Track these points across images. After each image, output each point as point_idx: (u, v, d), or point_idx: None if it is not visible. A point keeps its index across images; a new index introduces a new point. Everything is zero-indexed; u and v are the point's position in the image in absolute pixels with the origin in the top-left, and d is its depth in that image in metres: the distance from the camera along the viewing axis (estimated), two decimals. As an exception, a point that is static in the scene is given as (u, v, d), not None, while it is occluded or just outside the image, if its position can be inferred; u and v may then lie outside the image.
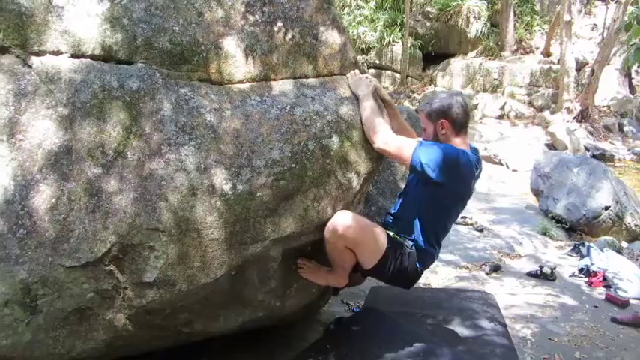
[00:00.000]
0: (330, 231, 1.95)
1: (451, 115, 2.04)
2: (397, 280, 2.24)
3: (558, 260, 4.69)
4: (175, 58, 1.86)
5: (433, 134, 2.11)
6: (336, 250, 2.03)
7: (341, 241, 1.96)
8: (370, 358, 2.30)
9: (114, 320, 1.71)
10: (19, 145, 1.64)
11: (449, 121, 2.04)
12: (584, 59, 13.08)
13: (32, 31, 1.75)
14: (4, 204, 1.57)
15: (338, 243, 1.98)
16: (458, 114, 2.05)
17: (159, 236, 1.66)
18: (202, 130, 1.78)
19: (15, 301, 1.54)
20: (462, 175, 2.04)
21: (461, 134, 2.08)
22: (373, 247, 2.03)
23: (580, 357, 2.89)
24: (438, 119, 2.05)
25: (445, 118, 2.04)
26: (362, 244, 2.01)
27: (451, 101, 2.06)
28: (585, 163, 6.48)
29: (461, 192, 2.12)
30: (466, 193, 2.15)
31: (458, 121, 2.05)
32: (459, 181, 2.05)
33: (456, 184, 2.05)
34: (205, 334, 2.04)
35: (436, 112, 2.06)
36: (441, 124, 2.05)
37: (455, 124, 2.05)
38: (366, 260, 2.08)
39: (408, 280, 2.26)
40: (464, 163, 2.01)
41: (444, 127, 2.05)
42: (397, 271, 2.10)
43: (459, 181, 2.05)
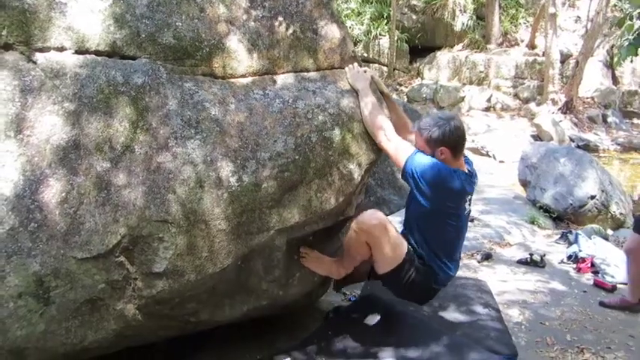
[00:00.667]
0: (358, 221, 2.05)
1: (449, 143, 2.06)
2: (408, 293, 2.30)
3: (547, 248, 4.80)
4: (179, 53, 1.89)
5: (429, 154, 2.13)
6: (355, 241, 2.10)
7: (364, 235, 2.05)
8: (370, 344, 2.37)
9: (124, 310, 1.74)
10: (27, 140, 1.66)
11: (448, 148, 2.06)
12: (569, 51, 13.28)
13: (36, 28, 1.77)
14: (14, 198, 1.59)
15: (361, 235, 2.06)
16: (457, 141, 2.08)
17: (168, 228, 1.70)
18: (208, 124, 1.82)
19: (28, 293, 1.56)
20: (450, 193, 2.07)
21: (458, 157, 2.12)
22: (391, 254, 2.09)
23: (571, 339, 2.99)
24: (438, 147, 2.06)
25: (444, 145, 2.05)
26: (381, 246, 2.07)
27: (450, 128, 2.06)
28: (572, 154, 6.62)
29: (451, 209, 2.12)
30: (458, 209, 2.15)
31: (456, 147, 2.08)
32: (446, 199, 2.08)
33: (444, 201, 2.08)
34: (211, 324, 2.08)
35: (435, 140, 2.06)
36: (440, 152, 2.06)
37: (453, 149, 2.07)
38: (380, 264, 2.15)
39: (419, 295, 2.33)
40: (454, 183, 2.05)
41: (443, 153, 2.06)
42: (409, 284, 2.15)
43: (446, 198, 2.08)
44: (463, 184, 2.08)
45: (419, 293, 2.28)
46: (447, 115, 2.13)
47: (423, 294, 2.30)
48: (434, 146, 2.07)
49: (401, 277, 2.12)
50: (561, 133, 11.00)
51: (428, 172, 2.02)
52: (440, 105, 13.41)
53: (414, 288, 2.18)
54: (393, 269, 2.11)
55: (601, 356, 2.80)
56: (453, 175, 2.05)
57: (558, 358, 2.77)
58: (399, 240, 2.10)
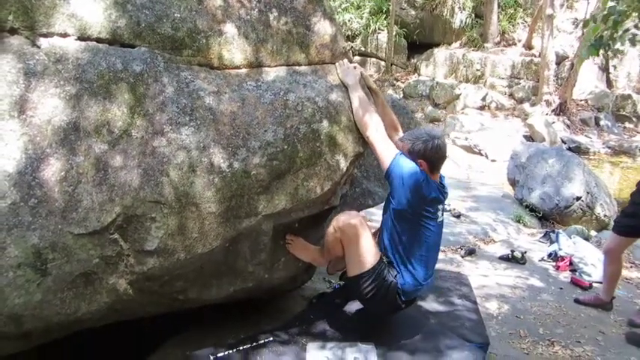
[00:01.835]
0: (337, 218, 2.16)
1: (429, 158, 2.17)
2: (371, 304, 2.32)
3: (529, 246, 4.95)
4: (177, 43, 1.98)
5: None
6: (331, 237, 2.21)
7: (339, 232, 2.16)
8: (350, 328, 2.48)
9: (116, 285, 1.84)
10: (30, 120, 1.75)
11: (426, 162, 2.17)
12: (565, 53, 13.37)
13: (40, 14, 1.85)
14: (16, 175, 1.68)
15: (336, 232, 2.17)
16: (435, 158, 2.19)
17: (160, 208, 1.80)
18: (202, 112, 1.92)
19: (27, 264, 1.66)
20: (426, 198, 2.16)
21: (434, 173, 2.22)
22: (359, 258, 2.17)
23: (543, 333, 3.13)
24: (417, 159, 2.17)
25: (423, 159, 2.16)
26: (351, 248, 2.16)
27: (432, 145, 2.17)
28: (560, 155, 6.74)
29: (428, 212, 2.20)
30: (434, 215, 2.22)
31: (434, 163, 2.20)
32: (423, 202, 2.16)
33: (421, 204, 2.16)
34: (199, 302, 2.18)
35: (416, 152, 2.17)
36: (419, 163, 2.17)
37: (431, 165, 2.19)
38: (349, 265, 2.23)
39: (381, 308, 2.35)
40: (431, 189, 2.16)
41: (421, 165, 2.16)
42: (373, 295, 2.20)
43: (423, 202, 2.16)
44: (438, 192, 2.20)
45: (380, 305, 2.31)
46: (434, 134, 2.22)
47: (384, 307, 2.33)
48: (415, 157, 2.17)
49: (362, 284, 2.18)
50: (553, 135, 11.14)
51: (410, 175, 2.12)
52: (435, 102, 13.52)
53: (375, 300, 2.22)
54: (358, 275, 2.18)
55: (570, 349, 2.94)
56: (430, 182, 2.16)
57: (529, 350, 2.91)
58: (371, 249, 2.18)
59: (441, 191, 2.25)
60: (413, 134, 2.24)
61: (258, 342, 2.29)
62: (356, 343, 2.33)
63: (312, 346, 2.30)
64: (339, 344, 2.31)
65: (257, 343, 2.28)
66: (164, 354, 2.41)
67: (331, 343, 2.32)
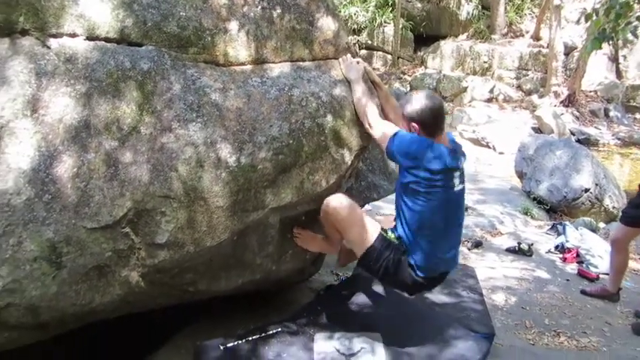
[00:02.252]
0: (323, 206, 2.15)
1: (420, 120, 2.11)
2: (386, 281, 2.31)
3: (537, 238, 4.96)
4: (183, 41, 2.03)
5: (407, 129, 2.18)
6: (325, 223, 2.23)
7: (330, 217, 2.16)
8: (357, 319, 2.53)
9: (128, 277, 1.90)
10: (42, 119, 1.80)
11: (420, 124, 2.11)
12: (573, 44, 13.25)
13: (50, 15, 1.90)
14: (30, 172, 1.74)
15: (328, 217, 2.17)
16: (426, 119, 2.10)
17: (170, 203, 1.85)
18: (208, 108, 1.96)
19: (43, 257, 1.72)
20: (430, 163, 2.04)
21: (435, 135, 2.12)
22: (358, 238, 2.16)
23: (549, 323, 3.15)
24: (409, 122, 2.13)
25: (414, 122, 2.12)
26: (346, 230, 2.16)
27: (421, 106, 2.10)
28: (568, 147, 6.71)
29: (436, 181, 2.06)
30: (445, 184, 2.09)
31: (427, 125, 2.11)
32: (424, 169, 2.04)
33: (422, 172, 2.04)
34: (208, 294, 2.24)
35: (408, 116, 2.13)
36: (412, 127, 2.13)
37: (424, 127, 2.11)
38: (352, 247, 2.23)
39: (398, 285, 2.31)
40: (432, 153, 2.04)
41: (415, 129, 2.12)
42: (383, 271, 2.17)
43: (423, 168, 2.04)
44: (443, 156, 2.06)
45: (397, 282, 2.26)
46: (425, 94, 2.15)
47: (402, 283, 2.26)
48: (407, 121, 2.14)
49: (372, 263, 2.17)
50: (562, 126, 11.07)
51: (407, 145, 2.07)
52: (442, 95, 13.46)
53: (389, 276, 2.20)
54: (364, 254, 2.16)
55: (576, 340, 2.96)
56: (432, 146, 2.06)
57: (535, 340, 2.93)
58: (367, 226, 2.14)
59: (452, 156, 2.11)
60: (405, 99, 2.19)
61: (267, 332, 2.34)
62: (363, 333, 2.37)
63: (320, 337, 2.35)
64: (346, 334, 2.36)
65: (266, 333, 2.34)
66: (174, 345, 2.47)
67: (339, 334, 2.36)
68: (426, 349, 2.31)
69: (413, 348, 2.32)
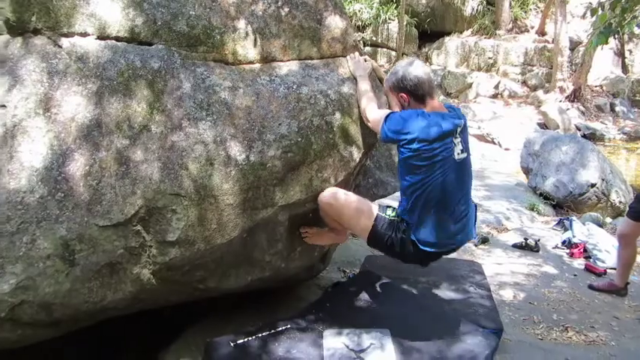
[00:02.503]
0: (318, 203, 2.17)
1: (406, 87, 2.08)
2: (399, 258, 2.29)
3: (543, 233, 4.94)
4: (192, 40, 2.04)
5: (399, 105, 2.18)
6: (325, 218, 2.26)
7: (325, 213, 2.20)
8: (366, 315, 2.54)
9: (140, 275, 1.92)
10: (54, 118, 1.83)
11: (406, 94, 2.09)
12: (579, 38, 13.18)
13: (62, 15, 1.92)
14: (43, 170, 1.76)
15: (325, 212, 2.20)
16: (412, 85, 2.06)
17: (181, 201, 1.86)
18: (218, 107, 1.98)
19: (56, 255, 1.75)
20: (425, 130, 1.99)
21: (425, 102, 2.08)
22: (355, 226, 2.19)
23: (557, 318, 3.15)
24: (398, 93, 2.12)
25: (402, 91, 2.10)
26: (343, 222, 2.20)
27: (404, 73, 2.07)
28: (574, 142, 6.69)
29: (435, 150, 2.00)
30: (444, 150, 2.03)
31: (415, 91, 2.07)
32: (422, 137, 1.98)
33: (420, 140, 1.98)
34: (218, 291, 2.26)
35: (394, 87, 2.12)
36: (401, 97, 2.11)
37: (413, 95, 2.08)
38: (357, 235, 2.27)
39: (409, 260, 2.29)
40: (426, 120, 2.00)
41: (404, 99, 2.11)
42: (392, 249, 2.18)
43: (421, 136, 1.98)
44: (438, 122, 2.02)
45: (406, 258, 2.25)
46: (408, 61, 2.13)
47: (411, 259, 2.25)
48: (396, 93, 2.13)
49: (378, 244, 2.21)
50: (567, 122, 11.03)
51: (397, 121, 2.03)
52: (447, 91, 13.44)
53: (397, 254, 2.20)
54: (368, 238, 2.18)
55: (584, 334, 2.96)
56: (423, 114, 2.02)
57: (543, 335, 2.93)
58: (363, 211, 2.15)
59: (449, 120, 2.06)
60: (390, 72, 2.17)
61: (277, 329, 2.36)
62: (372, 329, 2.39)
63: (329, 333, 2.36)
64: (355, 331, 2.37)
65: (275, 330, 2.36)
66: (185, 342, 2.49)
67: (347, 330, 2.38)
68: (435, 345, 2.32)
69: (422, 344, 2.33)
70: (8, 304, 1.74)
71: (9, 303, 1.74)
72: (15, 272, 1.73)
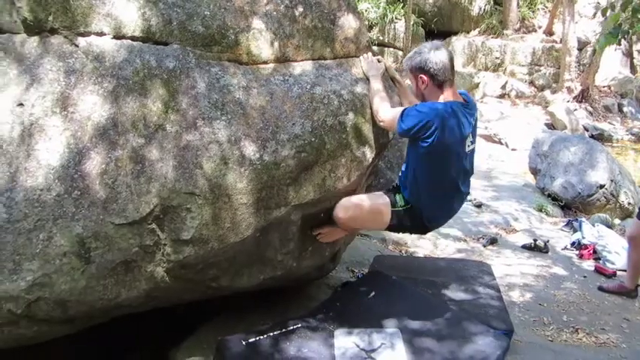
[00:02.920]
0: (335, 217, 2.25)
1: (428, 71, 2.08)
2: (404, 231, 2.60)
3: (552, 235, 4.93)
4: (207, 40, 2.05)
5: (415, 88, 2.21)
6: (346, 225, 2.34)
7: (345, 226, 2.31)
8: (376, 315, 2.54)
9: (154, 272, 1.93)
10: (71, 116, 1.84)
11: (427, 76, 2.10)
12: (587, 38, 13.11)
13: (78, 14, 1.94)
14: (60, 168, 1.78)
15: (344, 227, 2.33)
16: (436, 69, 2.07)
17: (195, 200, 1.87)
18: (232, 106, 1.98)
19: (72, 252, 1.76)
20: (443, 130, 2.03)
21: (444, 87, 2.10)
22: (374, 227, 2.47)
23: (567, 320, 3.14)
24: (418, 74, 2.12)
25: (423, 73, 2.10)
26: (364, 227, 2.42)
27: (429, 56, 2.08)
28: (582, 143, 6.66)
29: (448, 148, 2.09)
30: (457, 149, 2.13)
31: (436, 75, 2.08)
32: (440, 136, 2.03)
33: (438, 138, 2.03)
34: (230, 290, 2.27)
35: (415, 67, 2.12)
36: (420, 79, 2.11)
37: (434, 78, 2.09)
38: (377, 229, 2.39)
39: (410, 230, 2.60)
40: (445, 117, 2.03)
41: (423, 82, 2.11)
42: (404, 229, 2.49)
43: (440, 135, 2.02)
44: (457, 124, 2.06)
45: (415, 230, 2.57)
46: (430, 44, 2.15)
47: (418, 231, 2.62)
48: (416, 74, 2.14)
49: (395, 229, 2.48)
50: (575, 122, 10.98)
51: (415, 116, 2.04)
52: (454, 91, 13.38)
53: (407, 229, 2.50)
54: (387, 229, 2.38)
55: (595, 336, 2.95)
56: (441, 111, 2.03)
57: (553, 337, 2.93)
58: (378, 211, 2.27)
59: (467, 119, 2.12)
60: (411, 52, 2.20)
61: (288, 328, 2.37)
62: (382, 329, 2.39)
63: (340, 332, 2.37)
64: (365, 330, 2.37)
65: (286, 329, 2.36)
66: (196, 340, 2.50)
67: (358, 329, 2.38)
68: (446, 345, 2.32)
69: (433, 344, 2.33)
70: (25, 301, 1.76)
71: (25, 300, 1.76)
72: (32, 269, 1.75)
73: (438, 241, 4.54)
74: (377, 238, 4.29)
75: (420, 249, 4.32)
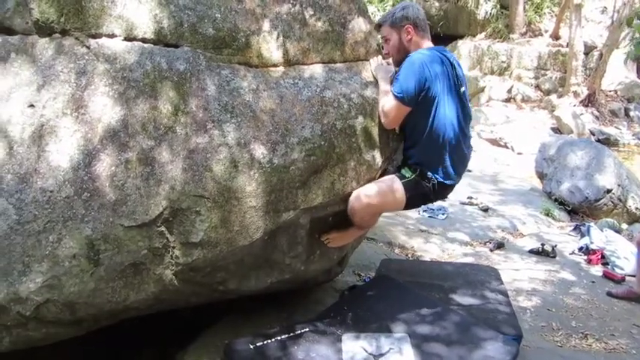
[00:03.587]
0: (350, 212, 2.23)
1: (413, 19, 2.21)
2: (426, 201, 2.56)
3: (559, 239, 4.90)
4: (217, 42, 2.04)
5: (398, 42, 2.29)
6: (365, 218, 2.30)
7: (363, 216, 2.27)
8: (384, 319, 2.53)
9: (162, 275, 1.92)
10: (82, 118, 1.84)
11: (412, 25, 2.21)
12: (593, 43, 13.04)
13: (90, 16, 1.94)
14: (70, 170, 1.78)
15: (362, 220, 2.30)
16: (418, 17, 2.24)
17: (204, 202, 1.87)
18: (242, 109, 1.98)
19: (81, 254, 1.76)
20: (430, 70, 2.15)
21: (425, 37, 2.25)
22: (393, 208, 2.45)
23: (576, 325, 3.12)
24: (403, 25, 2.21)
25: (409, 22, 2.21)
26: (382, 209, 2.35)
27: (410, 7, 2.25)
28: (589, 147, 6.63)
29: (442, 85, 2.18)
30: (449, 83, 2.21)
31: (420, 23, 2.23)
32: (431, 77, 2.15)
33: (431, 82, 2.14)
34: (237, 293, 2.26)
35: (400, 18, 2.22)
36: (406, 30, 2.21)
37: (418, 27, 2.23)
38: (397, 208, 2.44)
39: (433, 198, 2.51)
40: (433, 59, 2.16)
41: (409, 32, 2.22)
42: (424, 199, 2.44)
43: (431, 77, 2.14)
44: (440, 57, 2.19)
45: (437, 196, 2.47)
46: (405, 2, 2.34)
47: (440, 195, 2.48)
48: (399, 26, 2.23)
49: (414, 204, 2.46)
50: (581, 127, 10.92)
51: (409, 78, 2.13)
52: (460, 94, 13.35)
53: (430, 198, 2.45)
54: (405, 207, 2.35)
55: (604, 342, 2.93)
56: (425, 53, 2.18)
57: (562, 342, 2.91)
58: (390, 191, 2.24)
59: (450, 57, 2.25)
60: (388, 12, 2.35)
61: (295, 332, 2.35)
62: (390, 333, 2.37)
63: (348, 337, 2.35)
64: (373, 335, 2.36)
65: (294, 333, 2.35)
66: (203, 343, 2.49)
67: (366, 334, 2.36)
68: (454, 351, 2.30)
69: (441, 348, 2.31)
70: (34, 303, 1.76)
71: (35, 302, 1.76)
72: (41, 271, 1.75)
73: (444, 245, 4.52)
74: (383, 242, 4.28)
75: (427, 253, 4.31)
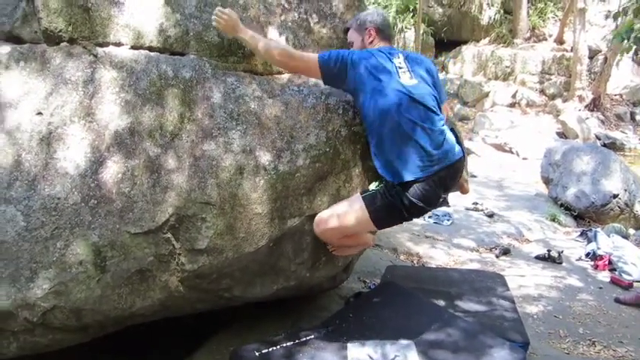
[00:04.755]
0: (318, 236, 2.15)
1: (375, 23, 2.24)
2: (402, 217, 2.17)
3: (566, 245, 4.88)
4: (223, 50, 2.06)
5: (361, 43, 2.27)
6: (334, 241, 2.24)
7: (330, 239, 2.19)
8: (389, 326, 2.52)
9: (168, 282, 1.93)
10: (89, 125, 1.85)
11: (375, 29, 2.23)
12: (598, 47, 13.01)
13: (97, 25, 1.96)
14: (77, 177, 1.79)
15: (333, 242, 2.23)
16: (381, 21, 2.26)
17: (210, 209, 1.88)
18: (247, 117, 1.99)
19: (88, 261, 1.77)
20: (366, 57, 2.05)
21: (385, 40, 2.27)
22: (357, 226, 2.13)
23: (583, 332, 3.10)
24: (366, 28, 2.23)
25: (371, 27, 2.23)
26: (349, 231, 2.16)
27: (375, 13, 2.29)
28: (595, 152, 6.59)
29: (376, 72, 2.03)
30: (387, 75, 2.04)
31: (382, 26, 2.26)
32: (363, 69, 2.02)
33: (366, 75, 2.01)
34: (242, 300, 2.26)
35: (363, 22, 2.25)
36: (368, 32, 2.23)
37: (380, 31, 2.24)
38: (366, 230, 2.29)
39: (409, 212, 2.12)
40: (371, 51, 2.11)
41: (371, 34, 2.23)
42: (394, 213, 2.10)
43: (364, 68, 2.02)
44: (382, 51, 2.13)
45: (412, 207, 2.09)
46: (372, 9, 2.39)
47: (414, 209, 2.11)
48: (363, 29, 2.24)
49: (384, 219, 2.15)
50: (587, 131, 10.88)
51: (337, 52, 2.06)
52: (464, 100, 13.37)
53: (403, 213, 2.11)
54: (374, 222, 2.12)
55: (613, 349, 2.90)
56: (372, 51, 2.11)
57: (569, 350, 2.88)
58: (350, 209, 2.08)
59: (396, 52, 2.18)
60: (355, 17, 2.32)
61: (301, 339, 2.35)
62: (396, 340, 2.36)
63: (353, 344, 2.34)
64: (379, 342, 2.35)
65: (299, 340, 2.34)
66: (208, 350, 2.49)
67: (372, 341, 2.35)
68: (461, 358, 2.28)
69: (447, 356, 2.29)
70: (41, 309, 1.77)
71: (42, 308, 1.77)
72: (48, 277, 1.75)
73: (450, 251, 4.51)
74: (388, 248, 4.28)
75: (433, 259, 4.29)
